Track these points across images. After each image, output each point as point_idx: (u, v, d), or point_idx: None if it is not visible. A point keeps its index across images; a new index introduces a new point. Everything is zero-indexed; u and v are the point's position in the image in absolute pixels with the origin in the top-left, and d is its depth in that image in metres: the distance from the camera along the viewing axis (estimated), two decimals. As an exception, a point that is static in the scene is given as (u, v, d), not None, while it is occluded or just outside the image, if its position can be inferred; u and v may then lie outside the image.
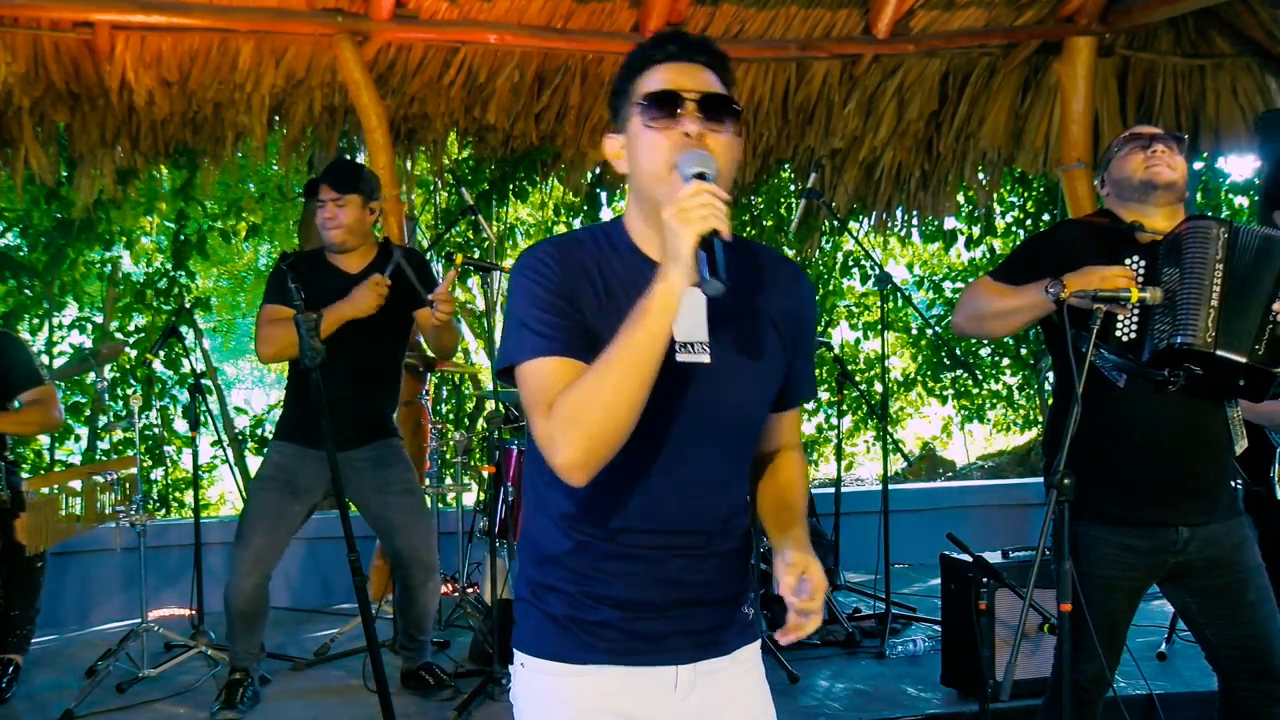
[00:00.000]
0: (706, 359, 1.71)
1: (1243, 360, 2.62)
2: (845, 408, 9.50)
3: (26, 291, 7.90)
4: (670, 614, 1.78)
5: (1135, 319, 2.68)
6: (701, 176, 1.59)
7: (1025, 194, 10.18)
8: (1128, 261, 2.70)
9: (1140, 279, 2.68)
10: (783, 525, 1.81)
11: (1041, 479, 2.94)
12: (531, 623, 1.82)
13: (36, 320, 8.25)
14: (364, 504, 4.07)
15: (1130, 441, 2.75)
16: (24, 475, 4.38)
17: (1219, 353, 2.61)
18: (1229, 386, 2.73)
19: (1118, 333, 2.69)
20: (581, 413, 1.60)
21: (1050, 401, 3.13)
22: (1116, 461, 2.74)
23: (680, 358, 1.70)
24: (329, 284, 3.95)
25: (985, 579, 3.94)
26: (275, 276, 4.07)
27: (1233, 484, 2.89)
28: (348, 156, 5.72)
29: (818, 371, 11.23)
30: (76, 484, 4.43)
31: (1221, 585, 2.78)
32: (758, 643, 1.91)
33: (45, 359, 7.98)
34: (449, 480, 5.49)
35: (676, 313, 1.58)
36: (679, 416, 1.71)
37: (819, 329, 11.04)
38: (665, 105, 1.67)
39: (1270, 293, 2.64)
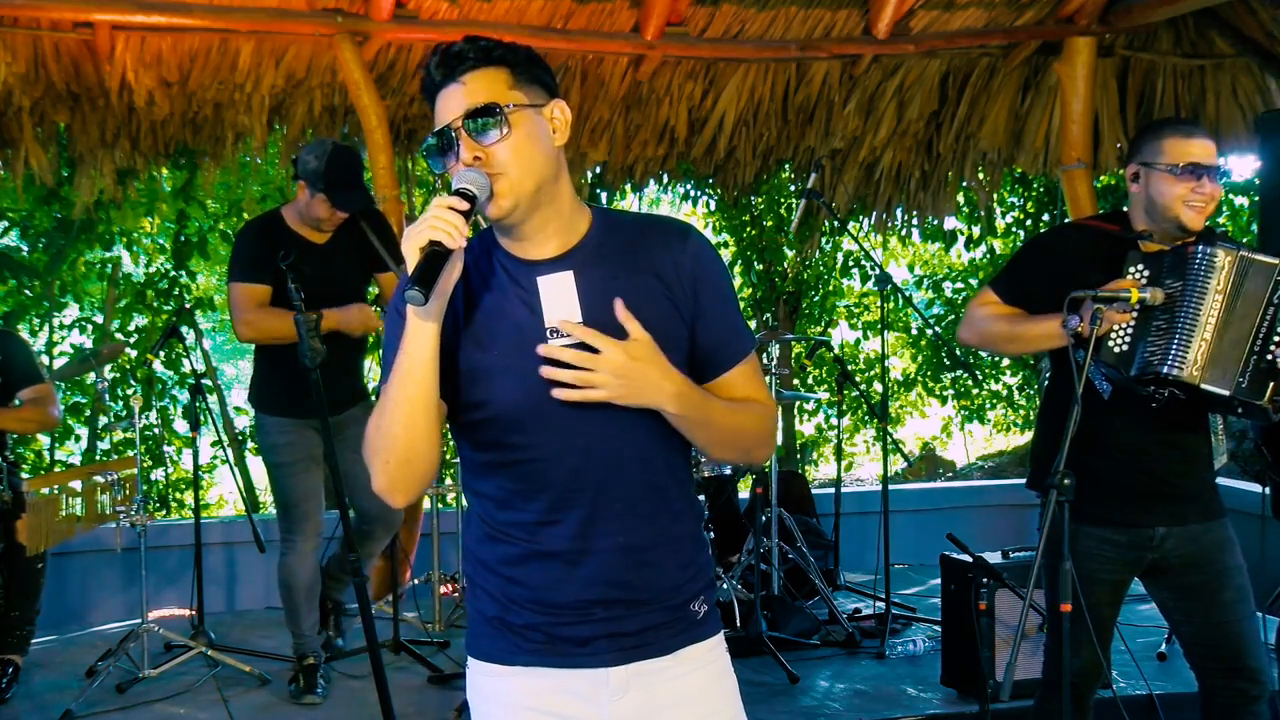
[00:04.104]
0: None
1: (1226, 393, 2.63)
2: (845, 408, 9.49)
3: (27, 292, 7.91)
4: (592, 617, 1.74)
5: (1129, 330, 2.69)
6: (460, 193, 1.62)
7: (1025, 194, 10.19)
8: (1131, 270, 2.70)
9: (1143, 286, 2.67)
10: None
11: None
12: (471, 623, 1.84)
13: (37, 320, 8.27)
14: (343, 461, 4.07)
15: (1105, 445, 2.78)
16: (24, 476, 4.39)
17: (1204, 386, 2.62)
18: (1214, 409, 2.75)
19: (1110, 343, 2.70)
20: (374, 439, 1.69)
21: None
22: (1090, 464, 2.74)
23: (553, 344, 1.69)
24: (298, 259, 3.82)
25: (985, 579, 3.94)
26: (244, 247, 4.09)
27: (1213, 487, 2.87)
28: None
29: (817, 371, 11.27)
30: (77, 484, 4.43)
31: (1198, 583, 2.80)
32: (712, 640, 1.83)
33: (45, 359, 7.99)
34: (449, 480, 5.49)
35: (427, 336, 1.63)
36: (565, 403, 1.67)
37: (819, 329, 11.06)
38: (443, 147, 1.69)
39: (1257, 324, 2.63)
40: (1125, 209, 2.91)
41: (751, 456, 1.90)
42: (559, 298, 1.71)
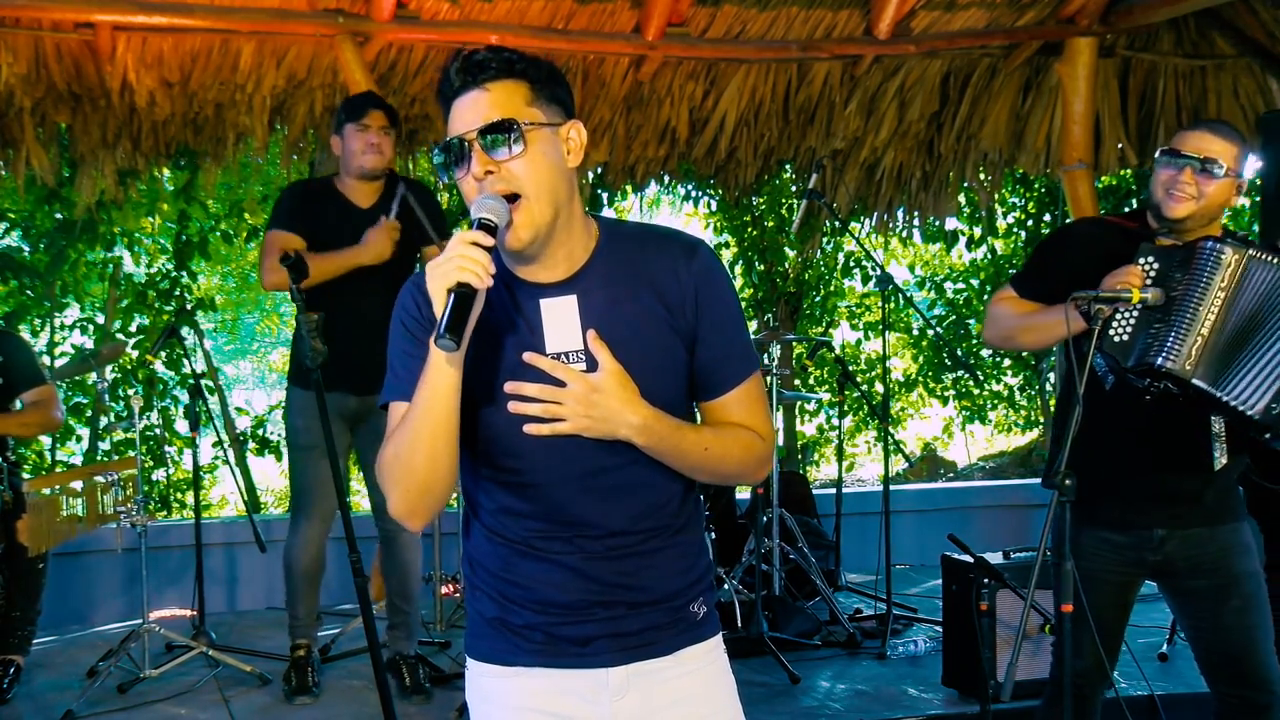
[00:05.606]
0: (582, 367, 1.68)
1: (1215, 392, 2.62)
2: (846, 408, 9.49)
3: (28, 292, 7.91)
4: (594, 617, 1.74)
5: (1132, 320, 2.68)
6: (483, 225, 1.60)
7: (1026, 195, 10.20)
8: (1141, 261, 2.69)
9: (1150, 279, 2.66)
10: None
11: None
12: (471, 624, 1.84)
13: (38, 321, 8.27)
14: (361, 449, 4.14)
15: (1105, 445, 2.76)
16: (25, 476, 4.39)
17: (1194, 382, 2.62)
18: (1209, 408, 2.72)
19: (1112, 332, 2.69)
20: (393, 467, 1.67)
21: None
22: (1091, 463, 2.73)
23: (541, 364, 1.67)
24: (340, 220, 3.94)
25: (986, 580, 3.94)
26: (285, 199, 4.09)
27: (1224, 490, 2.82)
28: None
29: (819, 372, 11.27)
30: (78, 485, 4.43)
31: (1203, 588, 2.78)
32: (712, 641, 1.84)
33: (47, 360, 7.99)
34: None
35: (451, 372, 1.61)
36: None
37: (821, 329, 11.06)
38: (454, 156, 1.67)
39: (1261, 331, 2.62)
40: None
41: (734, 482, 1.88)
42: (561, 322, 1.70)
